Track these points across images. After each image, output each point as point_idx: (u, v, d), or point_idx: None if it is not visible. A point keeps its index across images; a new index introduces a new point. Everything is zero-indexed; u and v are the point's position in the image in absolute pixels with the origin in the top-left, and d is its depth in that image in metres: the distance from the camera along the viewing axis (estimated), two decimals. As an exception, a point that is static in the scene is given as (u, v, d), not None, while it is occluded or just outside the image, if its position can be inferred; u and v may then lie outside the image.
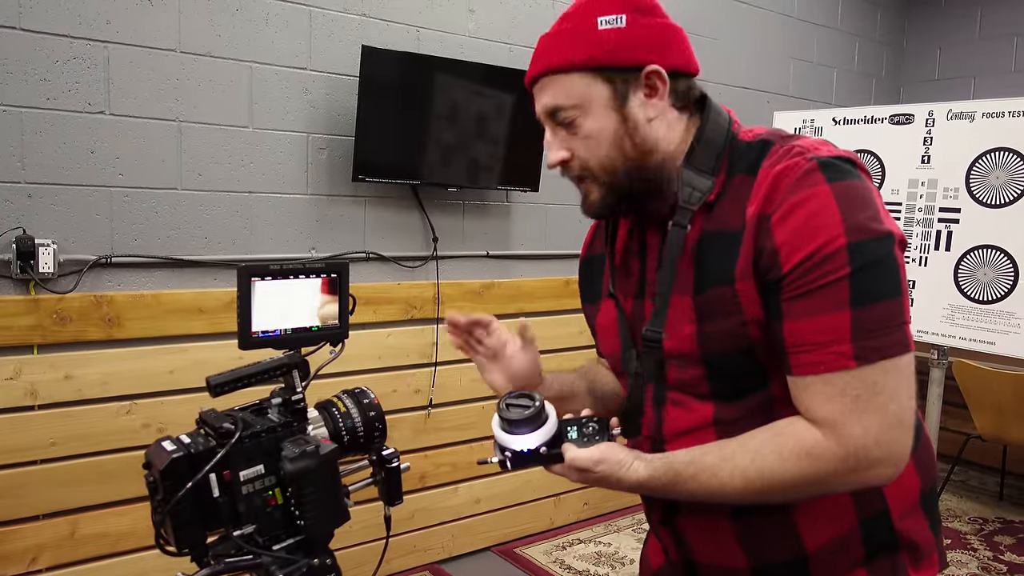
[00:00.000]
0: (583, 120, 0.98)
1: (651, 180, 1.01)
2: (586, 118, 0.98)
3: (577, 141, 1.00)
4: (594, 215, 1.07)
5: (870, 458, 0.88)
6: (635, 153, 0.99)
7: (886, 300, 0.87)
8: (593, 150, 0.99)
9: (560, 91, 0.98)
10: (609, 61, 0.96)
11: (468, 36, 2.97)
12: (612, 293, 1.11)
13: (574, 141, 1.00)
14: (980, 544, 3.46)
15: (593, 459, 0.97)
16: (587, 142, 0.99)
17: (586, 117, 0.98)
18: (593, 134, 0.98)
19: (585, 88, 0.97)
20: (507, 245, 3.17)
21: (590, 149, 0.99)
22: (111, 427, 2.32)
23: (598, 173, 1.00)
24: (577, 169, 1.02)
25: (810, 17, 4.21)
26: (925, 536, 1.04)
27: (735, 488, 0.92)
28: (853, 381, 0.87)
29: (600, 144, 0.99)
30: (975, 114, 3.08)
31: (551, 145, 1.02)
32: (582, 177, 1.02)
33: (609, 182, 1.00)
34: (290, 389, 1.11)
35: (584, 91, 0.97)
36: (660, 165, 1.00)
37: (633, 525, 3.50)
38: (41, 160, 2.19)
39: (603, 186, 1.01)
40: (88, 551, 2.32)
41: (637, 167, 1.00)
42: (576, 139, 0.99)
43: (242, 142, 2.51)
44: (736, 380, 0.98)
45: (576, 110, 0.98)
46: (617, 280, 1.12)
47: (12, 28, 2.12)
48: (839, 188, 0.89)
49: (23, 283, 2.18)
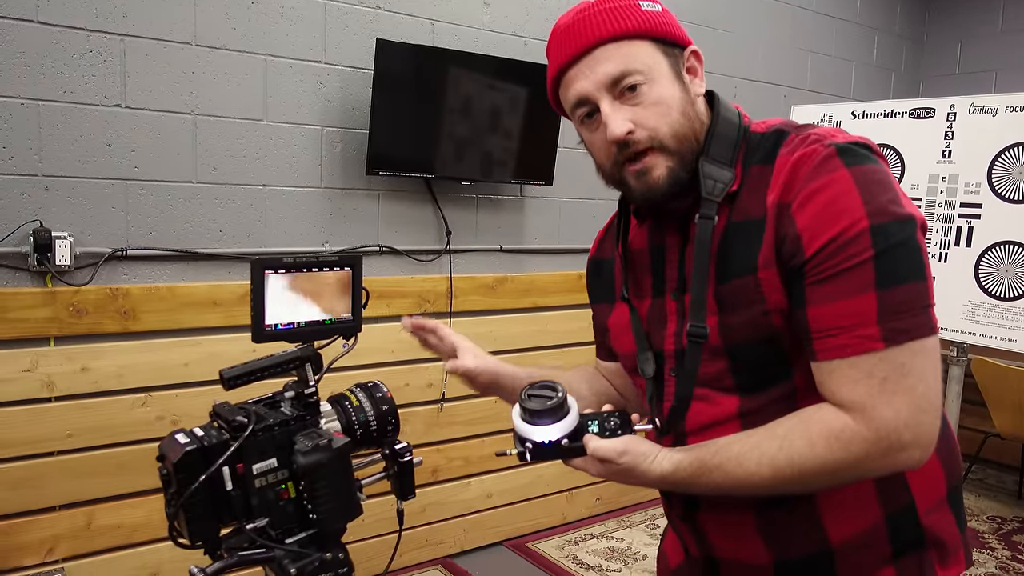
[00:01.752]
0: (651, 87, 0.95)
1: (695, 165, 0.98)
2: (653, 85, 0.95)
3: (643, 110, 0.95)
4: (657, 194, 0.97)
5: (902, 441, 0.86)
6: (698, 126, 0.98)
7: (911, 282, 0.86)
8: (664, 116, 0.95)
9: (624, 57, 0.94)
10: (664, 33, 0.97)
11: (483, 29, 2.95)
12: (625, 297, 1.10)
13: (639, 111, 0.95)
14: (998, 543, 3.42)
15: (617, 450, 0.95)
16: (657, 108, 0.95)
17: (653, 84, 0.95)
18: (663, 100, 0.95)
19: (650, 56, 0.96)
20: (520, 239, 3.16)
21: (661, 115, 0.95)
22: (126, 419, 2.34)
23: (669, 142, 0.95)
24: (645, 140, 0.95)
25: (828, 10, 4.17)
26: (952, 532, 1.02)
27: (763, 477, 0.90)
28: (880, 363, 0.86)
29: (670, 110, 0.95)
30: (998, 108, 3.03)
31: (612, 117, 0.94)
32: (647, 150, 0.96)
33: (680, 151, 0.96)
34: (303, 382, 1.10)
35: (649, 58, 0.95)
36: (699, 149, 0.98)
37: (646, 520, 3.49)
38: (58, 153, 2.20)
39: (674, 156, 0.96)
40: (104, 542, 2.34)
41: (697, 142, 0.97)
42: (641, 108, 0.95)
43: (257, 135, 2.51)
44: (759, 371, 0.97)
45: (642, 75, 0.95)
46: (630, 283, 1.10)
47: (30, 21, 2.13)
48: (859, 172, 0.88)
49: (40, 275, 2.20)
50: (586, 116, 0.99)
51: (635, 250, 1.11)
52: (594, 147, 1.01)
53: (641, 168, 0.96)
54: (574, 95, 0.98)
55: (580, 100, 0.98)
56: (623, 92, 0.95)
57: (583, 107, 0.98)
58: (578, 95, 0.97)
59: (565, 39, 0.98)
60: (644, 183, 0.97)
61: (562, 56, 0.98)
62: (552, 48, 1.01)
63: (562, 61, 0.98)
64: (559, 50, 0.99)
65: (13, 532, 2.20)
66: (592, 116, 0.99)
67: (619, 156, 0.97)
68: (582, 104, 0.98)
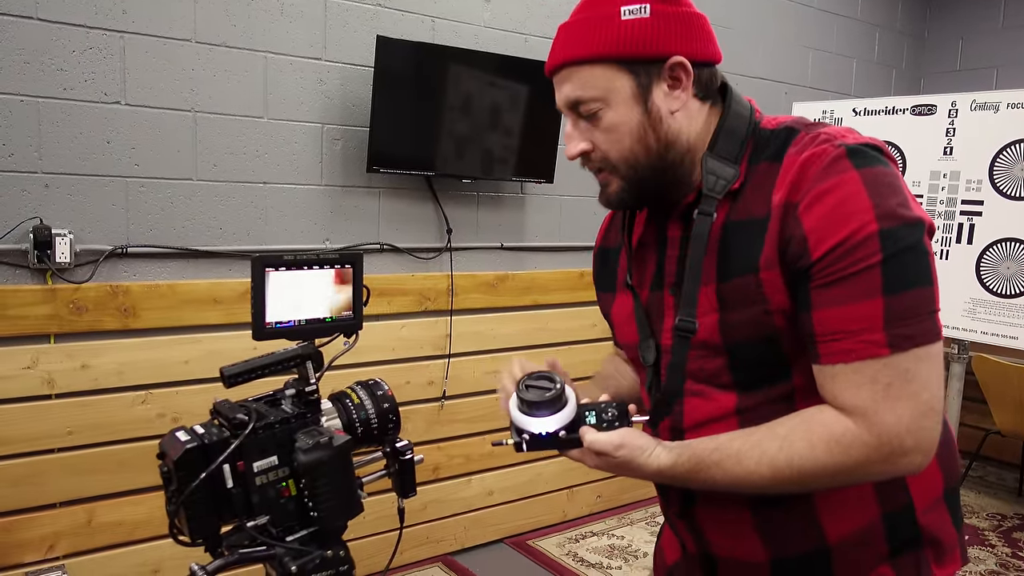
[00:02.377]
0: (605, 112, 0.96)
1: (672, 172, 0.99)
2: (608, 110, 0.96)
3: (599, 133, 0.98)
4: (612, 207, 1.05)
5: (903, 447, 0.86)
6: (658, 146, 0.97)
7: (918, 287, 0.86)
8: (614, 143, 0.97)
9: (582, 83, 0.96)
10: (632, 52, 0.94)
11: (483, 26, 2.95)
12: (629, 284, 1.10)
13: (595, 133, 0.98)
14: (998, 540, 3.42)
15: (613, 443, 0.95)
16: (609, 135, 0.97)
17: (608, 109, 0.96)
18: (615, 127, 0.96)
19: (607, 80, 0.95)
20: (521, 237, 3.15)
21: (611, 142, 0.97)
22: (127, 416, 2.33)
23: (619, 166, 0.99)
24: (597, 162, 1.00)
25: (829, 6, 4.16)
26: (948, 532, 1.03)
27: (761, 476, 0.90)
28: (885, 369, 0.85)
29: (622, 137, 0.97)
30: (999, 104, 3.02)
31: (572, 137, 1.00)
32: (601, 169, 1.01)
33: (629, 176, 0.99)
34: (304, 380, 1.10)
35: (606, 83, 0.95)
36: (682, 156, 0.99)
37: (646, 518, 3.49)
38: (58, 150, 2.20)
39: (623, 179, 0.99)
40: (104, 539, 2.34)
41: (659, 159, 0.98)
42: (597, 131, 0.98)
43: (257, 133, 2.51)
44: (758, 369, 0.97)
45: (598, 102, 0.96)
46: (634, 272, 1.10)
47: (29, 18, 2.12)
48: (868, 175, 0.87)
49: (40, 273, 2.19)
50: None
51: (641, 241, 1.11)
52: None
53: (601, 181, 1.03)
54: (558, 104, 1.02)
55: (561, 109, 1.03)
56: (582, 114, 0.99)
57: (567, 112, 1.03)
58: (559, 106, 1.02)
59: (552, 48, 1.01)
60: (603, 196, 1.04)
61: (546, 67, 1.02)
62: None
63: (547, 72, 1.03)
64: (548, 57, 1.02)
65: (14, 529, 2.20)
66: None
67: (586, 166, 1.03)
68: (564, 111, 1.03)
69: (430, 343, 2.92)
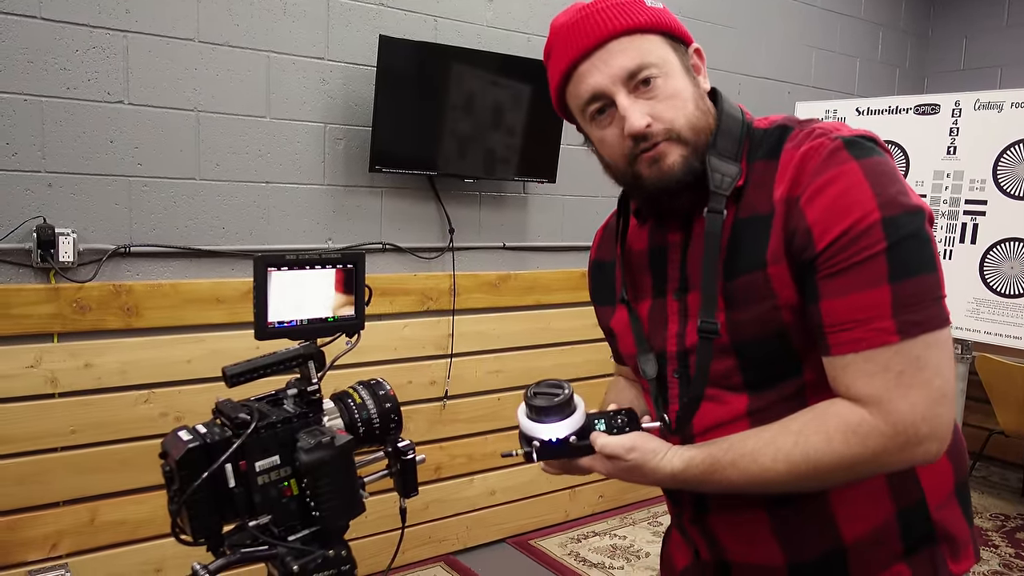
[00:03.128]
0: (665, 81, 0.95)
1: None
2: (668, 78, 0.95)
3: (659, 103, 0.94)
4: (676, 179, 0.96)
5: (919, 434, 0.85)
6: (711, 120, 0.98)
7: (923, 274, 0.86)
8: (679, 108, 0.95)
9: (641, 51, 0.94)
10: (672, 30, 0.97)
11: (486, 26, 2.95)
12: (624, 300, 1.09)
13: (655, 104, 0.94)
14: (1002, 541, 3.41)
15: (625, 446, 0.95)
16: (672, 101, 0.95)
17: (668, 77, 0.95)
18: (678, 92, 0.95)
19: (662, 50, 0.96)
20: (524, 237, 3.15)
21: (676, 108, 0.95)
22: (129, 415, 2.34)
23: (686, 133, 0.95)
24: (662, 133, 0.94)
25: (832, 6, 4.15)
26: (961, 527, 1.02)
27: (778, 473, 0.89)
28: (896, 356, 0.85)
29: (686, 102, 0.96)
30: (1003, 104, 3.02)
31: (632, 110, 0.93)
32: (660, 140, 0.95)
33: (695, 142, 0.96)
34: (306, 380, 1.10)
35: (662, 52, 0.96)
36: None
37: (649, 518, 3.49)
38: (61, 149, 2.20)
39: (688, 146, 0.95)
40: (107, 538, 2.34)
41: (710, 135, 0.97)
42: (657, 101, 0.94)
43: (259, 132, 2.51)
44: (768, 367, 0.96)
45: (658, 68, 0.95)
46: (630, 284, 1.10)
47: (33, 17, 2.12)
48: (867, 164, 0.88)
49: (43, 272, 2.20)
50: (597, 112, 0.98)
51: (634, 251, 1.10)
52: (605, 144, 0.99)
53: (655, 155, 0.95)
54: (587, 90, 0.96)
55: (594, 95, 0.96)
56: (637, 86, 0.94)
57: (596, 102, 0.97)
58: (592, 90, 0.96)
59: (572, 35, 0.96)
60: (658, 170, 0.96)
61: (572, 51, 0.96)
62: (558, 46, 0.98)
63: (573, 56, 0.96)
64: (567, 46, 0.97)
65: (17, 527, 2.21)
66: (604, 112, 0.97)
67: (634, 150, 0.96)
68: (595, 99, 0.96)
69: (432, 343, 2.92)
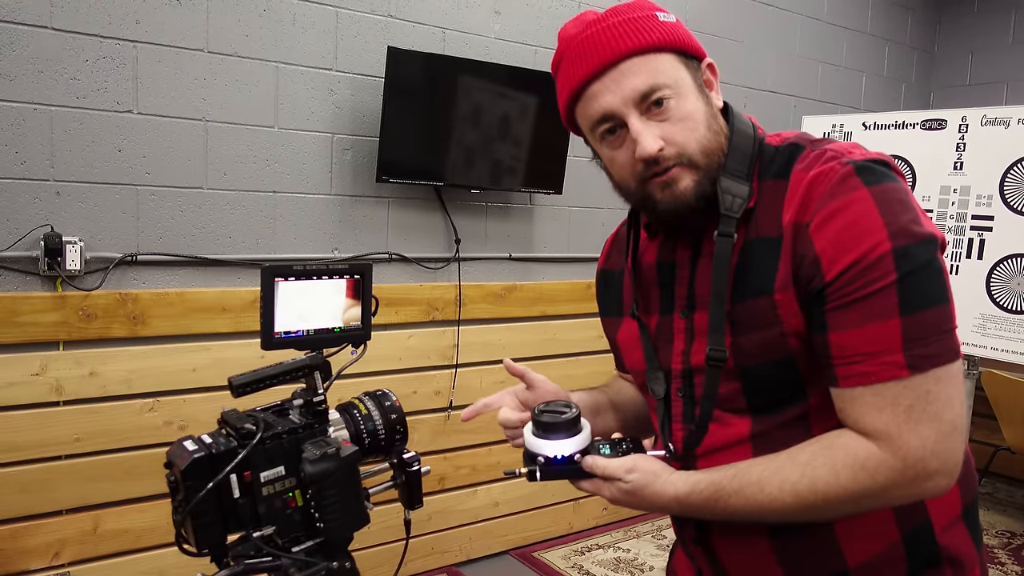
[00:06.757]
0: (678, 102, 0.92)
1: None
2: (680, 99, 0.92)
3: (670, 125, 0.92)
4: (688, 204, 0.93)
5: (928, 469, 0.84)
6: (723, 139, 0.95)
7: (934, 306, 0.84)
8: (691, 131, 0.92)
9: (653, 71, 0.91)
10: (684, 46, 0.94)
11: (493, 38, 2.96)
12: (635, 315, 1.07)
13: (667, 127, 0.92)
14: (1008, 558, 3.38)
15: (624, 467, 0.94)
16: (684, 124, 0.92)
17: (680, 98, 0.92)
18: (690, 115, 0.92)
19: (675, 69, 0.93)
20: (530, 247, 3.15)
21: (687, 131, 0.92)
22: (134, 424, 2.34)
23: (698, 158, 0.93)
24: (674, 157, 0.92)
25: (838, 20, 4.16)
26: (968, 550, 1.01)
27: (784, 503, 0.88)
28: (905, 391, 0.83)
29: (697, 125, 0.93)
30: (1010, 120, 3.01)
31: (644, 132, 0.91)
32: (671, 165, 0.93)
33: (708, 166, 0.93)
34: (312, 390, 1.10)
35: (675, 72, 0.93)
36: None
37: (653, 531, 3.47)
38: (70, 158, 2.22)
39: (700, 170, 0.93)
40: (110, 547, 2.34)
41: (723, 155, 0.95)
42: (669, 124, 0.92)
43: (267, 142, 2.52)
44: (773, 392, 0.94)
45: (671, 90, 0.92)
46: (640, 298, 1.08)
47: (44, 28, 2.14)
48: (878, 192, 0.85)
49: (50, 280, 2.20)
50: (608, 132, 0.95)
51: (644, 264, 1.08)
52: (615, 164, 0.97)
53: (667, 180, 0.93)
54: (598, 110, 0.94)
55: (605, 116, 0.94)
56: (650, 107, 0.92)
57: (607, 123, 0.95)
58: (603, 111, 0.94)
59: (583, 52, 0.94)
60: (671, 194, 0.93)
61: (583, 70, 0.94)
62: (567, 61, 0.96)
63: (584, 75, 0.94)
64: (577, 63, 0.94)
65: (20, 536, 2.20)
66: (615, 132, 0.95)
67: (645, 173, 0.94)
68: (606, 120, 0.94)
69: (437, 353, 2.92)
